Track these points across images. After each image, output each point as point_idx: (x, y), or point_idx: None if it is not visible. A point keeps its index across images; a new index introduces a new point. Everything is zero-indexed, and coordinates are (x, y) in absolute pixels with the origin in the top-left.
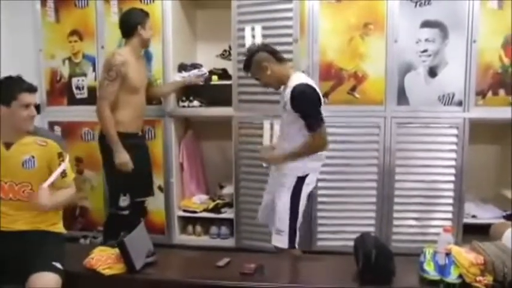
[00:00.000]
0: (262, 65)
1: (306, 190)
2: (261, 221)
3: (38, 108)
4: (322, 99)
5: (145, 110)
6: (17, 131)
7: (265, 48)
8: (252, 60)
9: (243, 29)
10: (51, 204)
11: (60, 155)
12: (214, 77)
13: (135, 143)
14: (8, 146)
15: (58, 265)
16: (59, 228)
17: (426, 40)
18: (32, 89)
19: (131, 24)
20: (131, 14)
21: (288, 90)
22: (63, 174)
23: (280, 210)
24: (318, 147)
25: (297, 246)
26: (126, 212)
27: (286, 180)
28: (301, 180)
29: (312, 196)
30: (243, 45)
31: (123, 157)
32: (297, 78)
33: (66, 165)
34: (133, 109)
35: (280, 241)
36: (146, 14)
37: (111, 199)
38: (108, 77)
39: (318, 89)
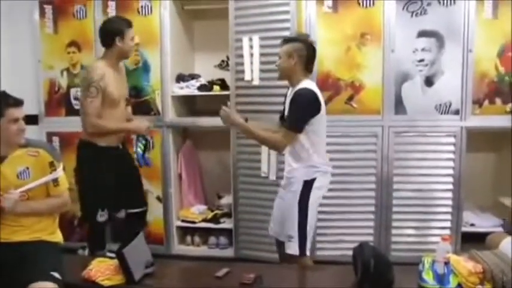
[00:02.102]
0: (292, 53)
1: (315, 195)
2: (273, 234)
3: (36, 119)
4: (323, 110)
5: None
6: (9, 145)
7: (309, 48)
8: (293, 43)
9: (240, 40)
10: (21, 209)
11: (51, 164)
12: (216, 87)
13: (115, 156)
14: (1, 159)
15: (56, 275)
16: (57, 237)
17: (423, 49)
18: (18, 103)
19: (109, 34)
20: (110, 24)
21: (292, 92)
22: (56, 183)
23: (290, 217)
24: (277, 146)
25: (308, 253)
26: (102, 225)
27: (292, 185)
28: (308, 185)
29: None
30: (241, 56)
31: (140, 127)
32: (306, 83)
33: (58, 174)
34: (113, 122)
35: (291, 248)
36: (127, 24)
37: (84, 212)
38: (89, 94)
39: (321, 99)
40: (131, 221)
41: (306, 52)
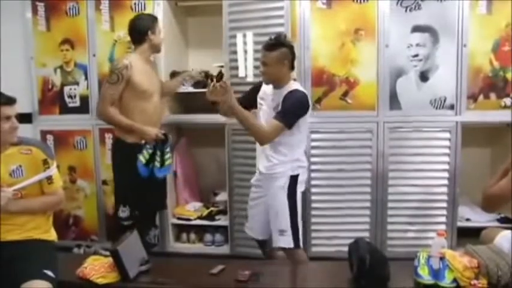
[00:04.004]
0: (283, 61)
1: (300, 189)
2: (254, 235)
3: (30, 117)
4: (310, 110)
5: (159, 119)
6: (1, 143)
7: (292, 50)
8: (281, 49)
9: (234, 36)
10: (14, 207)
11: (45, 161)
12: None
13: None
14: None
15: (49, 273)
16: (50, 236)
17: (417, 45)
18: (11, 101)
19: (141, 30)
20: (140, 20)
21: (284, 93)
22: (49, 180)
23: (279, 212)
24: (262, 136)
25: (301, 246)
26: (127, 223)
27: (279, 181)
28: (294, 179)
29: (305, 202)
30: (235, 52)
31: (149, 131)
32: (297, 85)
33: (52, 171)
34: (143, 116)
35: (285, 241)
36: (155, 19)
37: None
38: (109, 80)
39: (309, 100)
40: (141, 219)
41: (291, 56)
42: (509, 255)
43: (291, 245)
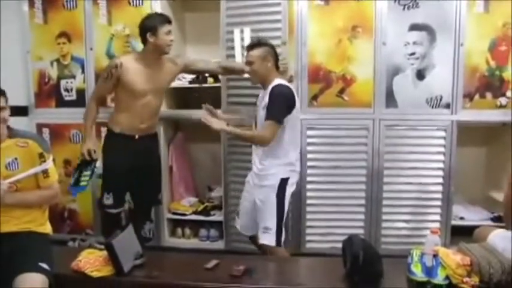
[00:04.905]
0: (267, 57)
1: (289, 192)
2: (249, 233)
3: (26, 110)
4: (298, 106)
5: (151, 116)
6: None
7: (274, 49)
8: (263, 46)
9: (232, 32)
10: (9, 200)
11: (41, 155)
12: (210, 79)
13: (129, 145)
14: None
15: (45, 266)
16: (46, 229)
17: (414, 43)
18: (1, 93)
19: (142, 31)
20: (143, 21)
21: (268, 91)
22: (45, 174)
23: (267, 209)
24: (262, 139)
25: (282, 245)
26: (110, 211)
27: (269, 181)
28: (284, 181)
29: (300, 198)
30: (232, 48)
31: (85, 145)
32: (279, 81)
33: (48, 165)
34: (133, 113)
35: (268, 239)
36: (162, 20)
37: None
38: (101, 76)
39: (295, 96)
40: (135, 213)
41: (274, 53)
42: (508, 255)
43: (273, 243)
